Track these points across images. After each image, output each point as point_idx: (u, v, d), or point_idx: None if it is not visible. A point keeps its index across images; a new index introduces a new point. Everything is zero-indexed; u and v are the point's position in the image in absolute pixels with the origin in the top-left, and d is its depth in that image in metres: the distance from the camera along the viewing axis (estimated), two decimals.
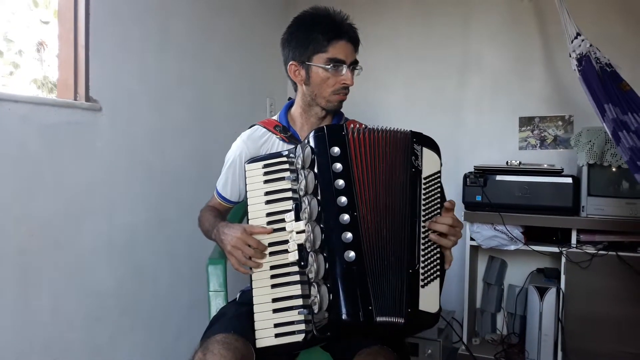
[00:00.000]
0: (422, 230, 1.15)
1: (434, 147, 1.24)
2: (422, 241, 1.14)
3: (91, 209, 1.76)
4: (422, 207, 1.16)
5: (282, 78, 1.44)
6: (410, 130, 1.23)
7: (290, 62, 1.41)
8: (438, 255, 1.16)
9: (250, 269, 1.22)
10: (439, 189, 1.22)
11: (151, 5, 2.00)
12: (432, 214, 1.18)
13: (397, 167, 1.18)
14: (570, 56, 2.08)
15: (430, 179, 1.20)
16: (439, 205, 1.20)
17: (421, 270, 1.12)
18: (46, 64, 2.14)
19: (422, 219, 1.16)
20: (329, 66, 1.35)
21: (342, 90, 1.38)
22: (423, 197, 1.17)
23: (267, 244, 1.22)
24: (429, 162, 1.21)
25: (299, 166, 1.20)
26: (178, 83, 2.15)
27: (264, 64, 2.69)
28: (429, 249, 1.15)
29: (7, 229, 1.50)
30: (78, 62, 1.73)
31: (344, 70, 1.36)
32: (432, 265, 1.14)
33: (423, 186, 1.18)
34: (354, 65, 1.38)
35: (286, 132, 1.45)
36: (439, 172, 1.23)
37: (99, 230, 1.79)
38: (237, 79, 2.53)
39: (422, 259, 1.13)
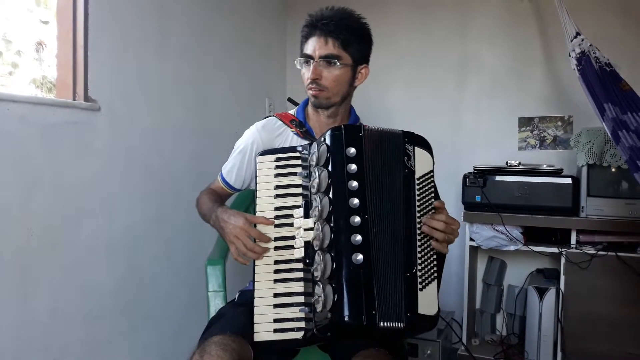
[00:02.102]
0: (418, 232, 1.14)
1: (425, 146, 1.23)
2: (418, 243, 1.14)
3: (90, 208, 1.76)
4: (417, 209, 1.16)
5: (281, 78, 1.44)
6: (402, 130, 1.22)
7: None
8: (434, 256, 1.16)
9: (254, 262, 1.21)
10: (432, 189, 1.21)
11: (150, 5, 2.00)
12: (427, 215, 1.17)
13: (393, 169, 1.17)
14: (569, 55, 2.08)
15: (424, 179, 1.19)
16: (433, 204, 1.19)
17: (419, 273, 1.11)
18: (45, 63, 2.14)
19: (417, 220, 1.15)
20: (300, 62, 1.39)
21: (310, 85, 1.37)
22: (417, 198, 1.17)
23: (272, 238, 1.20)
24: (421, 162, 1.20)
25: (313, 163, 1.19)
26: (177, 83, 2.14)
27: (263, 64, 2.69)
28: (425, 251, 1.14)
29: (6, 229, 1.50)
30: (77, 62, 1.72)
31: (311, 64, 1.36)
32: (429, 267, 1.14)
33: (417, 187, 1.17)
34: (326, 59, 1.35)
35: (302, 127, 1.45)
36: (432, 171, 1.22)
37: (97, 230, 1.79)
38: (236, 79, 2.53)
39: (418, 261, 1.12)
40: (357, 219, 1.09)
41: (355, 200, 1.11)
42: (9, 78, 2.16)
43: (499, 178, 2.36)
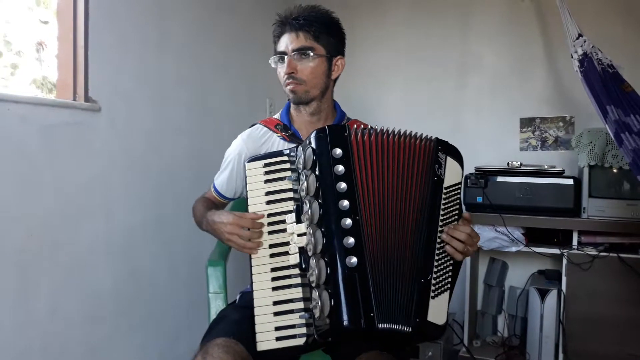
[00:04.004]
0: (438, 240, 1.14)
1: (457, 157, 1.23)
2: (436, 252, 1.13)
3: (90, 209, 1.75)
4: (440, 217, 1.15)
5: None
6: (436, 138, 1.22)
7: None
8: (451, 267, 1.15)
9: (251, 270, 1.20)
10: (458, 201, 1.20)
11: (150, 5, 1.99)
12: (451, 225, 1.17)
13: (416, 174, 1.16)
14: (572, 57, 2.07)
15: (451, 189, 1.19)
16: (456, 217, 1.19)
17: (433, 282, 1.10)
18: (45, 64, 2.13)
19: (439, 229, 1.14)
20: (274, 61, 1.40)
21: (287, 80, 1.38)
22: (442, 207, 1.16)
23: (267, 243, 1.20)
24: (451, 172, 1.20)
25: (300, 167, 1.18)
26: (177, 83, 2.14)
27: (264, 64, 2.65)
28: (443, 260, 1.14)
29: (6, 229, 1.49)
30: (77, 62, 1.72)
31: (285, 60, 1.37)
32: (444, 277, 1.13)
33: (443, 196, 1.17)
34: (299, 51, 1.36)
35: (287, 130, 1.44)
36: (460, 183, 1.21)
37: (97, 231, 1.78)
38: (236, 80, 2.53)
39: (435, 269, 1.11)
40: (348, 221, 1.08)
41: (345, 202, 1.09)
42: (10, 78, 2.16)
43: (500, 179, 2.36)
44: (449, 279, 1.14)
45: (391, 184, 1.14)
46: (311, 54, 1.36)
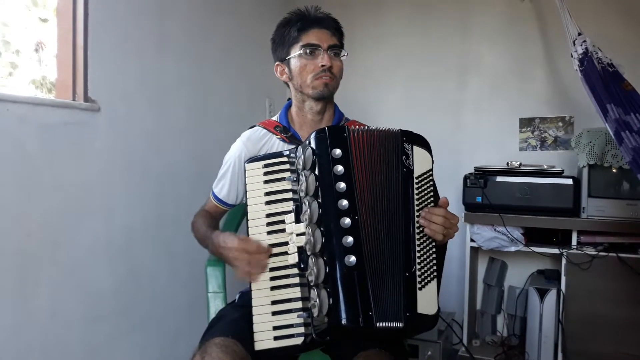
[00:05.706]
0: (417, 231, 1.14)
1: (424, 144, 1.23)
2: (417, 242, 1.13)
3: (89, 209, 1.75)
4: (416, 208, 1.15)
5: None
6: (400, 129, 1.22)
7: (276, 64, 1.46)
8: (434, 255, 1.15)
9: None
10: (431, 188, 1.20)
11: (150, 5, 2.00)
12: (426, 208, 1.17)
13: (390, 169, 1.17)
14: (571, 56, 2.07)
15: (422, 178, 1.19)
16: (432, 204, 1.19)
17: (418, 273, 1.11)
18: (44, 64, 2.13)
19: (416, 219, 1.15)
20: (303, 52, 1.37)
21: (322, 74, 1.37)
22: (416, 197, 1.16)
23: (269, 248, 1.19)
24: (420, 161, 1.20)
25: (300, 167, 1.18)
26: (177, 83, 2.14)
27: (263, 64, 2.67)
28: (425, 250, 1.14)
29: (5, 229, 1.49)
30: (76, 62, 1.72)
31: (320, 53, 1.37)
32: (428, 266, 1.13)
33: (415, 186, 1.17)
34: (333, 49, 1.39)
35: (286, 132, 1.45)
36: (431, 170, 1.21)
37: (96, 231, 1.78)
38: (235, 80, 2.53)
39: (417, 260, 1.12)
40: (347, 220, 1.09)
41: (345, 202, 1.10)
42: (9, 78, 2.16)
43: (499, 179, 2.36)
44: (434, 267, 1.14)
45: (377, 181, 1.15)
46: (342, 55, 1.41)
